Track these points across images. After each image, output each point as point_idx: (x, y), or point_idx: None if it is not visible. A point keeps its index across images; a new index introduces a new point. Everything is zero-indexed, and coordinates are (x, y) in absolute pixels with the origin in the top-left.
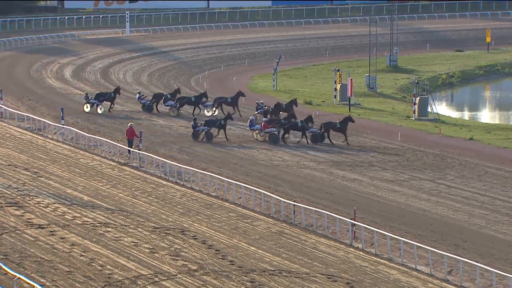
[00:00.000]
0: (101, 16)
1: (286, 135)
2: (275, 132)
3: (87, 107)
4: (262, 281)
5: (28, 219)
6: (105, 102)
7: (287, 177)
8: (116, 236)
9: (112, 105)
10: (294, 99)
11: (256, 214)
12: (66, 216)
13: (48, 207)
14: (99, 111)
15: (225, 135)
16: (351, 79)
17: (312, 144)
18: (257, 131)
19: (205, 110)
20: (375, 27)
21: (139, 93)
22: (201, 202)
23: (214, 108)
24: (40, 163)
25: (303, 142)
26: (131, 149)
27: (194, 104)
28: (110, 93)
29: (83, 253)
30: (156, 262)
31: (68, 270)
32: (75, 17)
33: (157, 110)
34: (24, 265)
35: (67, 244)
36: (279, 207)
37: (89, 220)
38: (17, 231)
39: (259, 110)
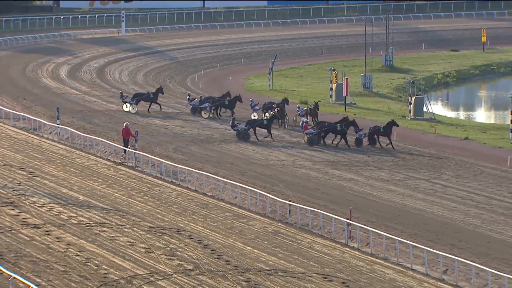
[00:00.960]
0: (96, 15)
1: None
2: (314, 134)
3: (126, 107)
4: (258, 281)
5: (24, 218)
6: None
7: (283, 176)
8: (111, 235)
9: (157, 105)
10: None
11: (252, 214)
12: (62, 216)
13: (43, 206)
14: (132, 111)
15: (270, 135)
16: (346, 78)
17: (355, 147)
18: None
19: (252, 114)
20: (370, 27)
21: (189, 95)
22: (196, 202)
23: (264, 112)
24: (36, 162)
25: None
26: (127, 149)
27: (228, 107)
28: (149, 93)
29: (78, 253)
30: (151, 261)
31: (63, 269)
32: (71, 16)
33: (218, 115)
34: (20, 265)
35: (63, 243)
36: (274, 207)
37: (84, 219)
38: (13, 231)
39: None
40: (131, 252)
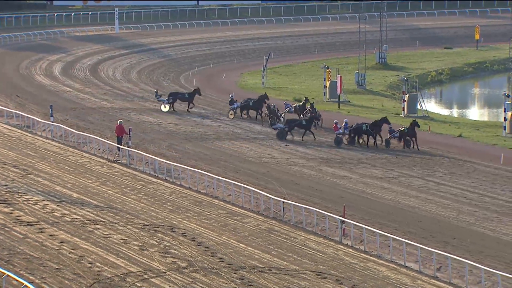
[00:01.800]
0: (90, 13)
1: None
2: (340, 135)
3: (164, 107)
4: (252, 278)
5: (17, 216)
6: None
7: (277, 174)
8: (105, 233)
9: (192, 105)
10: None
11: (246, 211)
12: (55, 214)
13: (37, 204)
14: (164, 109)
15: (312, 134)
16: (340, 76)
17: (386, 148)
18: (346, 136)
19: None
20: (364, 24)
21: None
22: (190, 199)
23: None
24: (29, 160)
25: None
26: (121, 146)
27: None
28: (184, 93)
29: (72, 251)
30: (145, 259)
31: (57, 267)
32: (64, 14)
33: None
34: (13, 263)
35: (56, 241)
36: (268, 204)
37: (78, 217)
38: (6, 229)
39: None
40: (125, 250)
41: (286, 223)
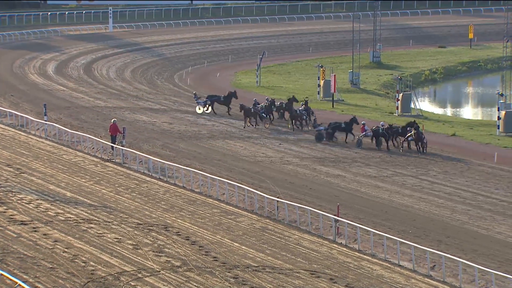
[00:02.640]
0: (84, 12)
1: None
2: (361, 138)
3: (199, 109)
4: (246, 277)
5: (11, 215)
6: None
7: (271, 173)
8: (99, 232)
9: (229, 108)
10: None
11: (240, 210)
12: (49, 213)
13: (31, 203)
14: (198, 111)
15: (353, 135)
16: (334, 75)
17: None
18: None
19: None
20: (358, 24)
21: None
22: (184, 198)
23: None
24: (23, 159)
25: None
26: (115, 145)
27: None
28: (220, 96)
29: (66, 250)
30: (139, 258)
31: (51, 266)
32: (58, 13)
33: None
34: (7, 262)
35: (50, 240)
36: (262, 203)
37: (72, 216)
38: (0, 228)
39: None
40: (119, 249)
41: (280, 222)
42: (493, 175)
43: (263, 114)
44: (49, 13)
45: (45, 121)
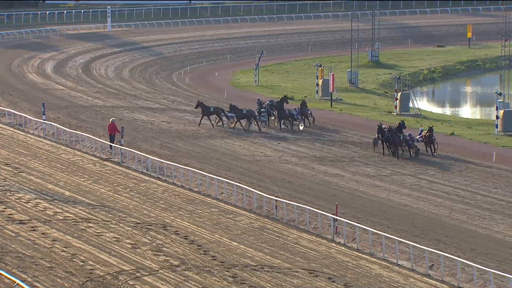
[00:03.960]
0: (82, 11)
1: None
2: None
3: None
4: (244, 276)
5: (9, 214)
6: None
7: (269, 172)
8: (97, 231)
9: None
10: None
11: (238, 209)
12: (48, 212)
13: (29, 202)
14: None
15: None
16: (333, 74)
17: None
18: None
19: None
20: (356, 23)
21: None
22: (183, 198)
23: None
24: (21, 158)
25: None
26: (113, 145)
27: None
28: (273, 101)
29: (64, 249)
30: (138, 257)
31: (49, 265)
32: (56, 12)
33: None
34: (5, 261)
35: (49, 239)
36: (261, 202)
37: (70, 215)
38: None
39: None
40: (117, 248)
41: (279, 221)
42: (491, 174)
43: (262, 117)
44: (47, 12)
45: (44, 120)
